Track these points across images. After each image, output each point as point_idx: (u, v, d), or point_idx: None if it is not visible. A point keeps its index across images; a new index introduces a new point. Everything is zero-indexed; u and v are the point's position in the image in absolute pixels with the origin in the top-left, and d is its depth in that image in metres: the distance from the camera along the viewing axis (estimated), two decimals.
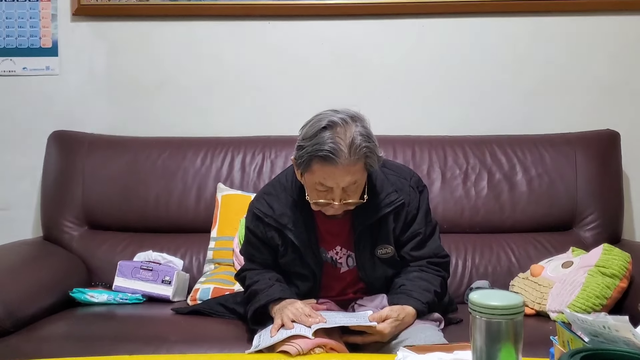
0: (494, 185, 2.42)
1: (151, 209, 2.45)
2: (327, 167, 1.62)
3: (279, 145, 2.51)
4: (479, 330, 1.16)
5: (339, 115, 1.64)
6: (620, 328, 1.11)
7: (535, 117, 2.62)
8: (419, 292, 1.74)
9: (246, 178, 2.47)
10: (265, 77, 2.67)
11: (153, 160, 2.49)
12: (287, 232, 1.77)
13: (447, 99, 2.65)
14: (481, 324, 1.16)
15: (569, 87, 2.62)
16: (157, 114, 2.69)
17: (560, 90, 2.62)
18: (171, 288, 2.22)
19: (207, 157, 2.49)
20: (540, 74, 2.62)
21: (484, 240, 2.37)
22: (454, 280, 2.28)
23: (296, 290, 1.83)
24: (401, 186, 1.81)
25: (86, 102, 2.69)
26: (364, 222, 1.76)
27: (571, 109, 2.62)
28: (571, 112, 2.61)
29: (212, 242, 2.37)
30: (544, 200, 2.40)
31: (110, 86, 2.69)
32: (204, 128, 2.64)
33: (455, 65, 2.63)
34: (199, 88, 2.68)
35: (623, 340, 1.12)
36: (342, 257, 1.83)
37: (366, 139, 1.63)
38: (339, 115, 1.64)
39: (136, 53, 2.67)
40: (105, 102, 2.70)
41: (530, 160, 2.43)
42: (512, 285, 2.18)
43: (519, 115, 2.63)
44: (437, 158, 2.46)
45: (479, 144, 2.48)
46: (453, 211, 2.41)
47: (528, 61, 2.62)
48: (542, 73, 2.62)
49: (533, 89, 2.63)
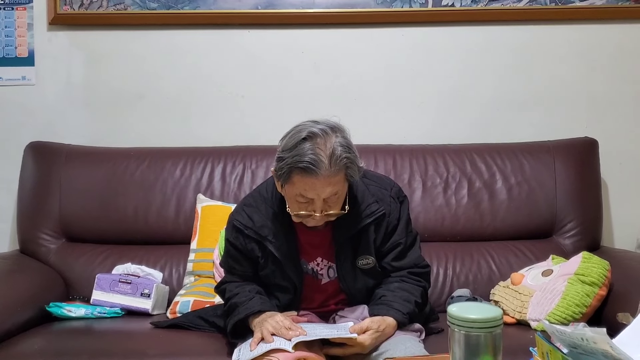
0: (474, 194, 2.43)
1: (130, 220, 2.43)
2: (308, 179, 1.61)
3: (259, 155, 2.50)
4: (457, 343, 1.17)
5: (319, 126, 1.64)
6: (598, 340, 1.12)
7: (515, 125, 2.64)
8: (399, 303, 1.74)
9: (226, 189, 2.46)
10: (245, 87, 2.66)
11: (131, 171, 2.47)
12: (267, 244, 1.77)
13: (428, 107, 2.66)
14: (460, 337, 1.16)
15: (548, 95, 2.64)
16: (135, 125, 2.67)
17: (539, 98, 2.64)
18: (150, 301, 2.20)
19: (187, 168, 2.48)
20: (520, 83, 2.64)
21: (465, 249, 2.38)
22: (435, 289, 2.29)
23: (277, 303, 1.82)
24: (382, 197, 1.81)
25: (63, 113, 2.67)
26: (345, 233, 1.76)
27: (550, 117, 2.64)
28: (550, 120, 2.64)
29: (192, 254, 2.36)
30: (524, 208, 2.41)
31: (88, 96, 2.67)
32: (183, 138, 2.63)
33: (436, 74, 2.65)
34: (178, 98, 2.67)
35: (601, 352, 1.13)
36: (323, 269, 1.83)
37: (346, 150, 1.63)
38: (318, 126, 1.64)
39: (114, 63, 2.65)
40: (83, 113, 2.67)
41: (510, 169, 2.45)
42: (492, 294, 2.19)
43: (499, 123, 2.65)
44: (417, 167, 2.47)
45: (459, 152, 2.50)
46: (434, 220, 2.41)
47: (508, 70, 2.64)
48: (522, 81, 2.64)
49: (512, 98, 2.65)
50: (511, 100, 2.65)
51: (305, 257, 1.82)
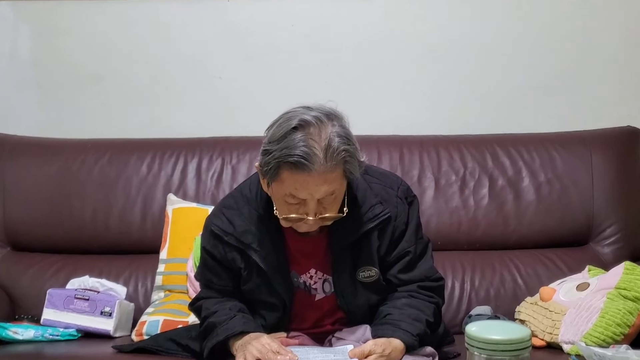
0: (496, 194, 2.44)
1: (87, 225, 2.44)
2: (299, 176, 1.62)
3: (241, 147, 2.50)
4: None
5: (312, 113, 1.64)
6: None
7: (545, 112, 2.66)
8: (408, 323, 1.75)
9: (202, 188, 2.46)
10: (225, 66, 2.66)
11: (89, 166, 2.47)
12: (251, 253, 1.77)
13: (441, 91, 2.67)
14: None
15: (584, 76, 2.66)
16: (94, 111, 2.67)
17: (573, 79, 2.66)
18: (112, 321, 2.21)
19: (155, 163, 2.49)
20: (550, 60, 2.66)
21: (485, 259, 2.40)
22: (449, 307, 2.30)
23: (262, 322, 1.83)
24: (387, 197, 1.82)
25: (7, 97, 2.67)
26: (343, 240, 1.77)
27: (587, 102, 2.66)
28: (587, 106, 2.66)
29: (162, 266, 2.37)
30: (555, 211, 2.43)
31: (37, 78, 2.67)
32: (151, 128, 2.63)
33: (451, 51, 2.66)
34: (144, 79, 2.67)
35: None
36: (317, 282, 1.84)
37: (345, 141, 1.63)
38: (312, 113, 1.64)
39: (68, 38, 2.66)
40: (30, 97, 2.68)
41: (539, 164, 2.46)
42: (518, 312, 2.20)
43: (526, 110, 2.66)
44: (429, 162, 2.48)
45: (479, 144, 2.51)
46: (448, 225, 2.43)
47: (536, 46, 2.66)
48: (553, 59, 2.65)
49: (542, 80, 2.66)
50: (540, 82, 2.66)
51: (296, 268, 1.82)
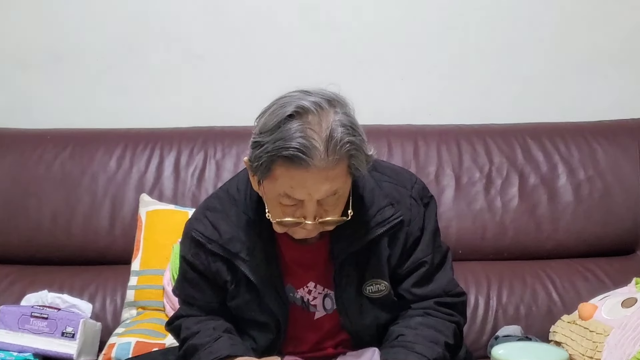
0: (527, 194, 2.45)
1: (45, 232, 2.44)
2: (296, 172, 1.61)
3: (227, 139, 2.51)
4: None
5: (311, 99, 1.63)
6: None
7: (585, 96, 2.66)
8: (423, 345, 1.73)
9: (181, 187, 2.47)
10: (207, 44, 2.67)
11: (47, 162, 2.48)
12: (239, 264, 1.76)
13: (463, 72, 2.67)
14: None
15: (631, 57, 2.66)
16: (51, 98, 2.68)
17: (619, 57, 2.66)
18: (75, 344, 2.20)
19: (126, 158, 2.50)
20: (592, 40, 2.66)
21: (515, 270, 2.40)
22: (472, 327, 2.31)
23: (252, 345, 1.82)
24: (399, 197, 1.81)
25: None
26: (348, 248, 1.76)
27: (634, 86, 2.66)
28: (634, 91, 2.66)
29: (134, 278, 2.37)
30: (597, 214, 2.44)
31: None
32: (120, 116, 2.64)
33: (475, 26, 2.66)
34: (111, 59, 2.67)
35: None
36: (317, 298, 1.83)
37: (350, 131, 1.62)
38: (310, 99, 1.63)
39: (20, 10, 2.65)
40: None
41: (578, 158, 2.47)
42: (553, 333, 2.20)
43: (563, 94, 2.66)
44: (448, 156, 2.48)
45: (507, 135, 2.51)
46: (471, 230, 2.44)
47: (574, 21, 2.66)
48: (595, 39, 2.66)
49: (582, 60, 2.66)
50: (579, 60, 2.67)
51: (292, 281, 1.81)
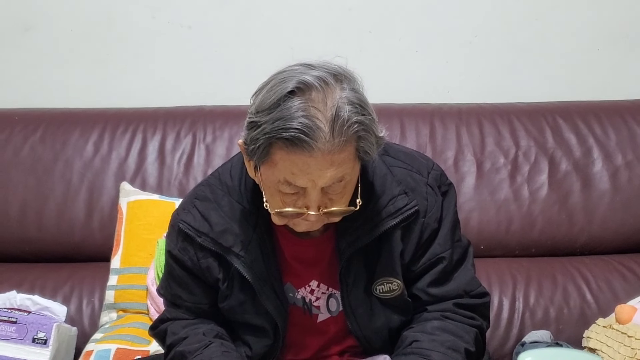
0: (558, 182, 2.46)
1: (13, 224, 2.46)
2: (297, 156, 1.61)
3: (218, 120, 2.52)
4: None
5: (314, 73, 1.63)
6: None
7: (622, 73, 2.68)
8: (440, 352, 1.74)
9: (167, 174, 2.49)
10: (195, 10, 2.67)
11: (16, 146, 2.49)
12: (232, 260, 1.77)
13: (485, 45, 2.68)
14: None
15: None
16: (20, 73, 2.69)
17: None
18: (48, 351, 2.22)
19: (104, 141, 2.51)
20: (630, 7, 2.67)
21: (544, 268, 2.41)
22: (496, 332, 2.32)
23: (247, 352, 1.83)
24: (414, 185, 1.81)
25: None
26: (356, 242, 1.77)
27: None
28: None
29: (113, 277, 2.38)
30: (637, 204, 2.45)
31: None
32: (97, 94, 2.65)
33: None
34: (89, 30, 2.68)
35: None
36: (321, 298, 1.84)
37: (358, 110, 1.62)
38: (314, 73, 1.63)
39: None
40: None
41: (615, 142, 2.48)
42: (587, 339, 2.21)
43: (597, 70, 2.68)
44: (469, 139, 2.49)
45: (535, 115, 2.52)
46: (495, 223, 2.45)
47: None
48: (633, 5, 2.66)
49: (618, 31, 2.67)
50: (617, 33, 2.68)
51: (292, 280, 1.82)
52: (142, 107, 2.59)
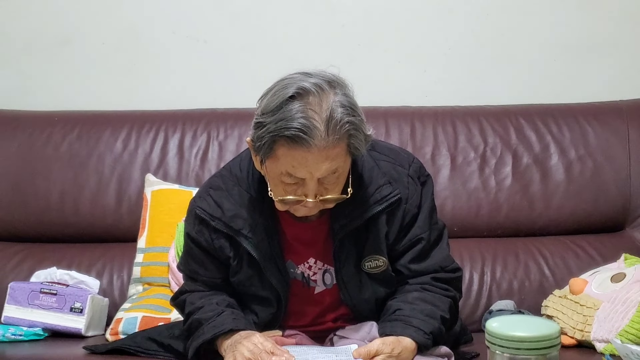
0: (520, 173, 2.46)
1: (54, 210, 2.45)
2: (297, 151, 1.62)
3: (229, 121, 2.51)
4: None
5: (312, 80, 1.64)
6: None
7: (576, 79, 2.66)
8: (420, 319, 1.75)
9: (185, 167, 2.48)
10: (210, 29, 2.66)
11: (56, 143, 2.48)
12: (241, 240, 1.78)
13: (458, 55, 2.67)
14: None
15: (621, 39, 2.66)
16: (59, 80, 2.67)
17: (608, 43, 2.66)
18: (83, 318, 2.22)
19: (131, 139, 2.50)
20: (583, 24, 2.66)
21: (508, 247, 2.41)
22: (467, 301, 2.32)
23: (254, 319, 1.83)
24: (397, 176, 1.82)
25: None
26: (347, 225, 1.77)
27: (623, 68, 2.66)
28: (623, 73, 2.66)
29: (140, 255, 2.38)
30: (587, 192, 2.44)
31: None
32: (125, 98, 2.64)
33: (471, 9, 2.66)
34: (117, 43, 2.67)
35: None
36: (317, 273, 1.84)
37: (349, 112, 1.63)
38: (311, 80, 1.64)
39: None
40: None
41: (569, 139, 2.47)
42: (545, 307, 2.21)
43: (555, 77, 2.66)
44: (444, 137, 2.48)
45: (501, 116, 2.52)
46: (466, 208, 2.45)
47: (567, 6, 2.66)
48: (586, 23, 2.66)
49: (573, 44, 2.66)
50: (571, 45, 2.66)
51: (292, 257, 1.83)
52: (164, 110, 2.57)
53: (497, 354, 1.19)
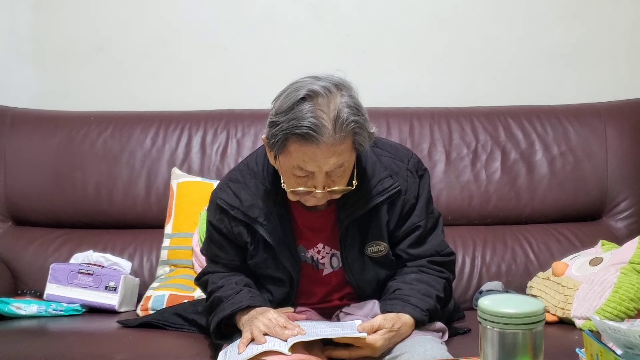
0: (508, 167, 2.45)
1: (90, 199, 2.45)
2: (307, 147, 1.62)
3: (247, 120, 2.51)
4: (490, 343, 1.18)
5: (321, 83, 1.64)
6: None
7: (559, 83, 2.65)
8: (417, 298, 1.75)
9: (207, 161, 2.48)
10: (229, 36, 2.66)
11: (92, 140, 2.49)
12: (257, 228, 1.78)
13: (453, 62, 2.66)
14: (493, 336, 1.18)
15: (600, 47, 2.65)
16: (95, 83, 2.67)
17: (588, 50, 2.65)
18: (117, 296, 2.23)
19: (159, 136, 2.50)
20: (565, 33, 2.65)
21: (497, 234, 2.42)
22: (460, 282, 2.32)
23: (269, 297, 1.84)
24: (397, 170, 1.82)
25: (7, 69, 2.67)
26: (352, 214, 1.77)
27: (602, 73, 2.65)
28: (602, 77, 2.65)
29: (167, 240, 2.39)
30: (569, 184, 2.44)
31: (37, 49, 2.67)
32: (154, 100, 2.64)
33: (462, 20, 2.65)
34: (147, 50, 2.67)
35: None
36: (325, 257, 1.84)
37: (354, 112, 1.63)
38: (320, 83, 1.64)
39: (68, 8, 2.65)
40: (31, 69, 2.67)
41: (552, 137, 2.47)
42: (530, 288, 2.21)
43: (539, 82, 2.66)
44: (440, 134, 2.48)
45: (491, 116, 2.51)
46: (459, 199, 2.44)
47: (550, 16, 2.65)
48: (567, 31, 2.65)
49: (556, 51, 2.65)
50: (554, 52, 2.65)
51: (303, 242, 1.83)
52: (188, 110, 2.57)
53: (487, 329, 1.19)
